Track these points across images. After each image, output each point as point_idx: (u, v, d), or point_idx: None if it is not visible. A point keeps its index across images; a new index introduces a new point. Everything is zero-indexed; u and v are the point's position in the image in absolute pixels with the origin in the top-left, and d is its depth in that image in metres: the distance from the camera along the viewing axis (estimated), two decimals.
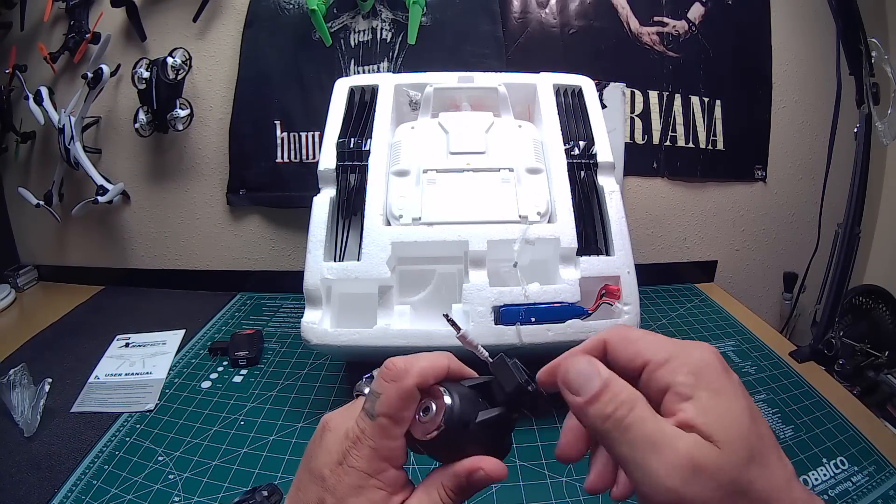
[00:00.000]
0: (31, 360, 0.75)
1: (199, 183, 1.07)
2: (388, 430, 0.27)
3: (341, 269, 0.66)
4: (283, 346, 0.84)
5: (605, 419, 0.24)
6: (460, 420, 0.27)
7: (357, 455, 0.26)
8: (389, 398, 0.27)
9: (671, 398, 0.24)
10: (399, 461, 0.27)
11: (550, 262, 0.68)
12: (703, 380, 0.24)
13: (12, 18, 1.07)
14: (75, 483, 0.57)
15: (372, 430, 0.27)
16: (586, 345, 0.28)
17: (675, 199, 1.09)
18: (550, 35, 1.03)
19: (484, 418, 0.28)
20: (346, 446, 0.27)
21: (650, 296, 0.99)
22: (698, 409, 0.23)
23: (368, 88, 0.82)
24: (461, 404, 0.28)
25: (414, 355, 0.29)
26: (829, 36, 0.81)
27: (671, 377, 0.24)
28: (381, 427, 0.27)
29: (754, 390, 0.72)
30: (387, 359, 0.29)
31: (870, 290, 1.02)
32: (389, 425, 0.27)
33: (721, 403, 0.23)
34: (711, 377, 0.24)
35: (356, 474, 0.26)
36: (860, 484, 0.56)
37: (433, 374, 0.28)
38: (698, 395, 0.23)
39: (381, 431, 0.27)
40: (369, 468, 0.26)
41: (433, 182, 0.71)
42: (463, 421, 0.27)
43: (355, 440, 0.27)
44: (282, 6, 1.01)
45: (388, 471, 0.27)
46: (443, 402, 0.28)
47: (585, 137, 0.77)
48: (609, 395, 0.24)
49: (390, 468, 0.27)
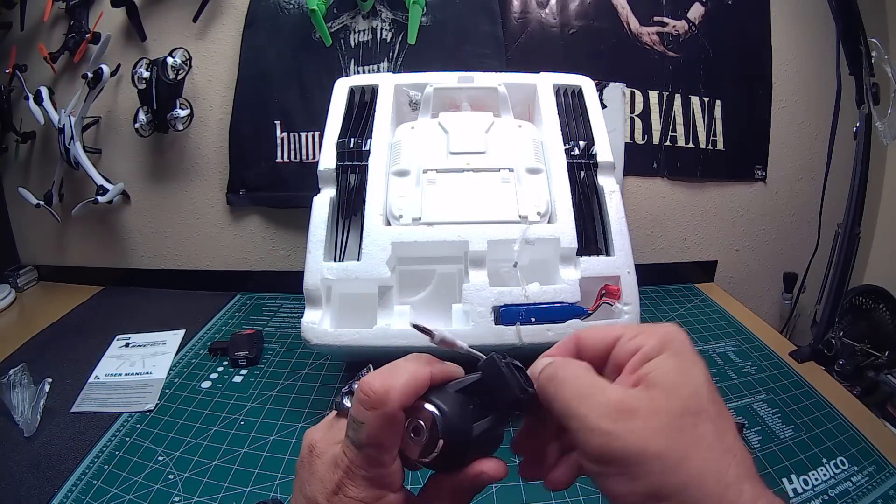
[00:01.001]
0: (31, 360, 0.75)
1: (199, 183, 1.07)
2: (378, 458, 0.26)
3: (341, 269, 0.66)
4: (283, 346, 0.84)
5: (547, 380, 0.26)
6: (459, 433, 0.26)
7: (352, 485, 0.25)
8: (373, 427, 0.25)
9: (638, 358, 0.26)
10: (396, 485, 0.26)
11: (550, 262, 0.68)
12: (668, 346, 0.26)
13: (12, 18, 1.07)
14: (75, 483, 0.57)
15: (362, 461, 0.26)
16: (559, 343, 0.30)
17: (674, 199, 1.09)
18: (550, 35, 1.03)
19: (480, 431, 0.27)
20: (338, 476, 0.26)
21: (650, 296, 0.99)
22: (655, 364, 0.25)
23: (368, 88, 0.82)
24: (455, 421, 0.26)
25: (390, 368, 0.27)
26: (829, 36, 0.81)
27: (641, 342, 0.26)
28: (370, 458, 0.26)
29: (754, 390, 0.72)
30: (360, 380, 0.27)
31: (870, 290, 1.02)
32: (378, 454, 0.26)
33: (676, 363, 0.25)
34: (676, 345, 0.26)
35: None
36: (860, 484, 0.56)
37: (415, 391, 0.27)
38: (661, 356, 0.25)
39: (371, 461, 0.26)
40: (368, 496, 0.25)
41: (433, 182, 0.71)
42: (460, 437, 0.26)
43: (347, 470, 0.26)
44: (282, 6, 1.01)
45: (387, 496, 0.26)
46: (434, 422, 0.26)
47: (585, 137, 0.77)
48: (554, 363, 0.27)
49: (389, 493, 0.26)
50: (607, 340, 0.28)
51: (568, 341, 0.30)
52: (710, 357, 0.79)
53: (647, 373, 0.25)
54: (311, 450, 0.28)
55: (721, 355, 0.80)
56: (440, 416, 0.26)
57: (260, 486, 0.56)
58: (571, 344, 0.29)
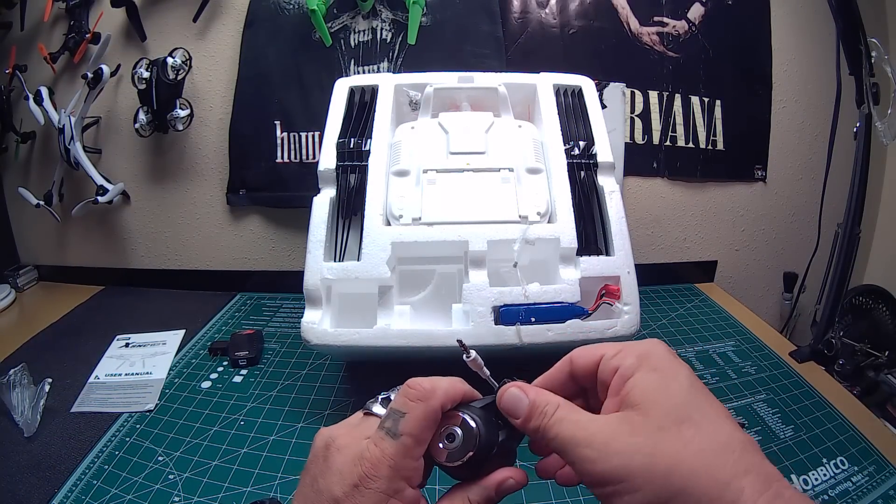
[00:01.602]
0: (31, 360, 0.75)
1: (199, 183, 1.07)
2: (411, 449, 0.27)
3: (341, 269, 0.66)
4: (283, 346, 0.84)
5: (536, 431, 0.28)
6: (487, 446, 0.29)
7: (376, 476, 0.26)
8: (416, 418, 0.27)
9: (617, 379, 0.28)
10: (416, 480, 0.27)
11: (550, 262, 0.68)
12: (645, 362, 0.27)
13: (12, 18, 1.07)
14: (75, 483, 0.57)
15: (394, 450, 0.27)
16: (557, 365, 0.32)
17: (675, 199, 1.09)
18: (550, 35, 1.03)
19: (503, 439, 0.30)
20: (363, 468, 0.26)
21: (650, 296, 0.99)
22: (632, 383, 0.27)
23: (368, 88, 0.82)
24: (486, 431, 0.29)
25: (434, 377, 0.30)
26: (829, 36, 0.81)
27: (619, 362, 0.28)
28: (404, 447, 0.27)
29: (754, 390, 0.72)
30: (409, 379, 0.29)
31: (870, 290, 1.02)
32: (413, 445, 0.27)
33: (655, 378, 0.26)
34: (653, 360, 0.27)
35: (375, 496, 0.26)
36: (860, 484, 0.56)
37: (454, 397, 0.29)
38: (637, 374, 0.27)
39: (404, 451, 0.27)
40: (389, 488, 0.26)
41: (433, 182, 0.71)
42: (489, 446, 0.29)
43: (374, 461, 0.27)
44: (282, 6, 1.01)
45: (405, 490, 0.27)
46: (470, 429, 0.29)
47: (585, 137, 0.77)
48: (537, 410, 0.28)
49: (408, 487, 0.27)
50: (594, 360, 0.30)
51: (563, 363, 0.32)
52: (710, 357, 0.79)
53: (626, 392, 0.27)
54: (328, 445, 0.29)
55: (721, 355, 0.80)
56: (475, 427, 0.29)
57: (260, 487, 0.56)
58: (566, 366, 0.32)
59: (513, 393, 0.29)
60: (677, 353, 0.30)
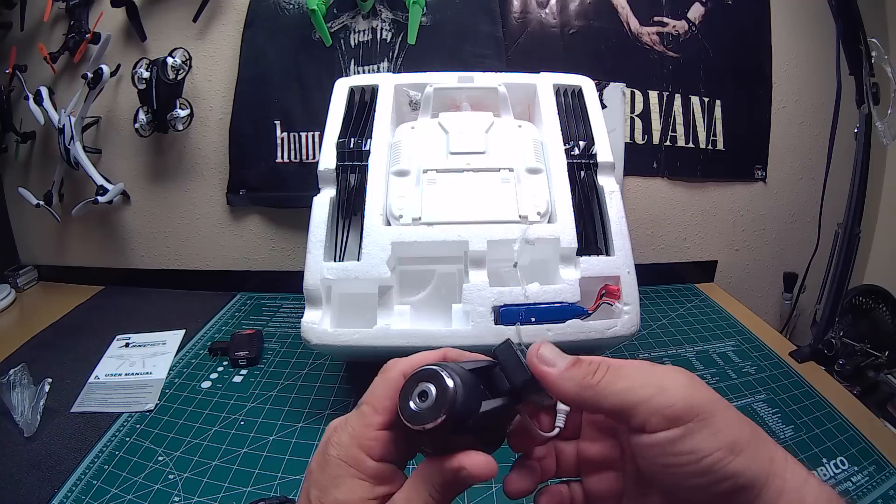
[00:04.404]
0: (31, 360, 0.75)
1: (199, 183, 1.07)
2: (368, 417, 0.27)
3: (341, 269, 0.66)
4: (283, 346, 0.84)
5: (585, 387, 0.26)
6: (462, 412, 0.24)
7: (336, 443, 0.27)
8: (374, 386, 0.28)
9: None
10: (378, 452, 0.26)
11: (550, 262, 0.68)
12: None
13: (12, 18, 1.07)
14: (75, 483, 0.57)
15: (355, 419, 0.27)
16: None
17: (674, 199, 1.09)
18: (550, 35, 1.03)
19: (486, 409, 0.26)
20: (327, 435, 0.28)
21: (650, 296, 0.99)
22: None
23: (368, 88, 0.82)
24: (464, 391, 0.24)
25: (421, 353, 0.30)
26: (829, 36, 0.81)
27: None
28: (362, 414, 0.27)
29: (754, 390, 0.72)
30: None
31: (870, 290, 1.02)
32: (370, 413, 0.27)
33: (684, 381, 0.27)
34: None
35: (335, 463, 0.26)
36: (860, 484, 0.56)
37: (423, 361, 0.28)
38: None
39: (362, 419, 0.27)
40: (347, 456, 0.26)
41: (433, 182, 0.71)
42: (465, 413, 0.24)
43: (337, 428, 0.28)
44: (282, 6, 1.01)
45: (366, 462, 0.26)
46: (444, 388, 0.24)
47: (585, 137, 0.77)
48: (584, 363, 0.27)
49: (369, 459, 0.26)
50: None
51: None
52: (710, 357, 0.79)
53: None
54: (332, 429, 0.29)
55: (721, 355, 0.80)
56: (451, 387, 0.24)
57: (260, 487, 0.56)
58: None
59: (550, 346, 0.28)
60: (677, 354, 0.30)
